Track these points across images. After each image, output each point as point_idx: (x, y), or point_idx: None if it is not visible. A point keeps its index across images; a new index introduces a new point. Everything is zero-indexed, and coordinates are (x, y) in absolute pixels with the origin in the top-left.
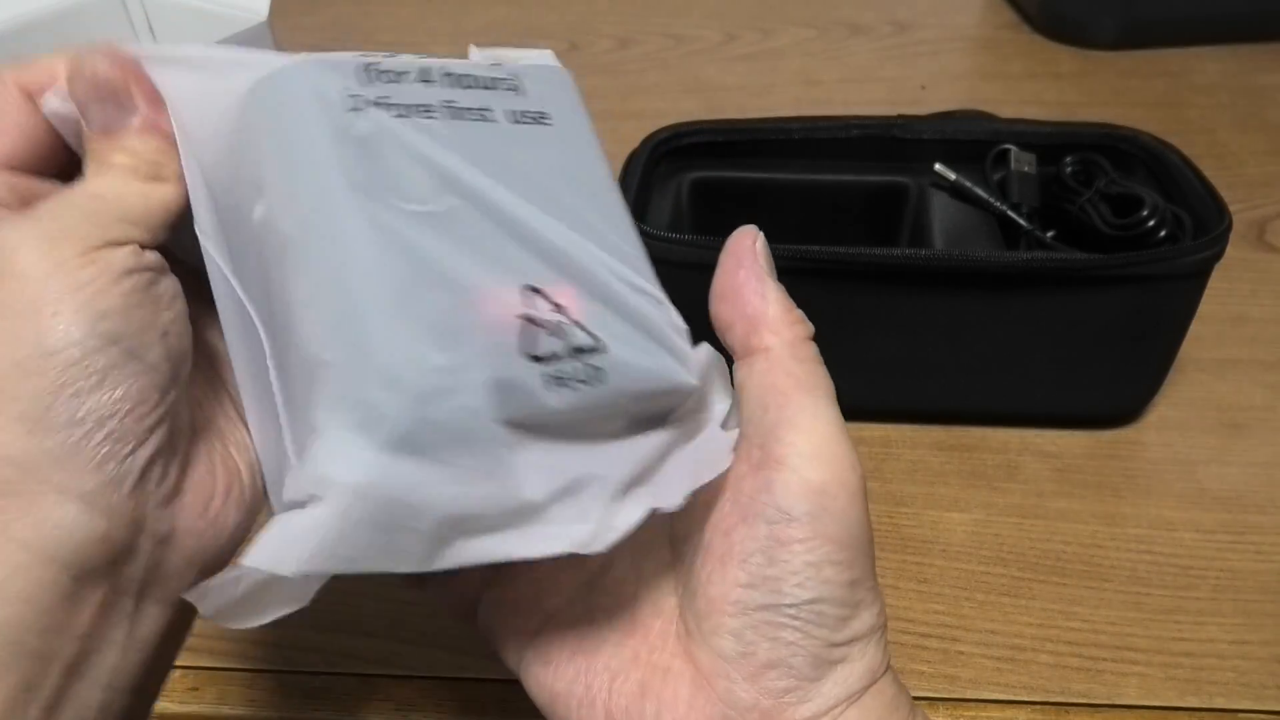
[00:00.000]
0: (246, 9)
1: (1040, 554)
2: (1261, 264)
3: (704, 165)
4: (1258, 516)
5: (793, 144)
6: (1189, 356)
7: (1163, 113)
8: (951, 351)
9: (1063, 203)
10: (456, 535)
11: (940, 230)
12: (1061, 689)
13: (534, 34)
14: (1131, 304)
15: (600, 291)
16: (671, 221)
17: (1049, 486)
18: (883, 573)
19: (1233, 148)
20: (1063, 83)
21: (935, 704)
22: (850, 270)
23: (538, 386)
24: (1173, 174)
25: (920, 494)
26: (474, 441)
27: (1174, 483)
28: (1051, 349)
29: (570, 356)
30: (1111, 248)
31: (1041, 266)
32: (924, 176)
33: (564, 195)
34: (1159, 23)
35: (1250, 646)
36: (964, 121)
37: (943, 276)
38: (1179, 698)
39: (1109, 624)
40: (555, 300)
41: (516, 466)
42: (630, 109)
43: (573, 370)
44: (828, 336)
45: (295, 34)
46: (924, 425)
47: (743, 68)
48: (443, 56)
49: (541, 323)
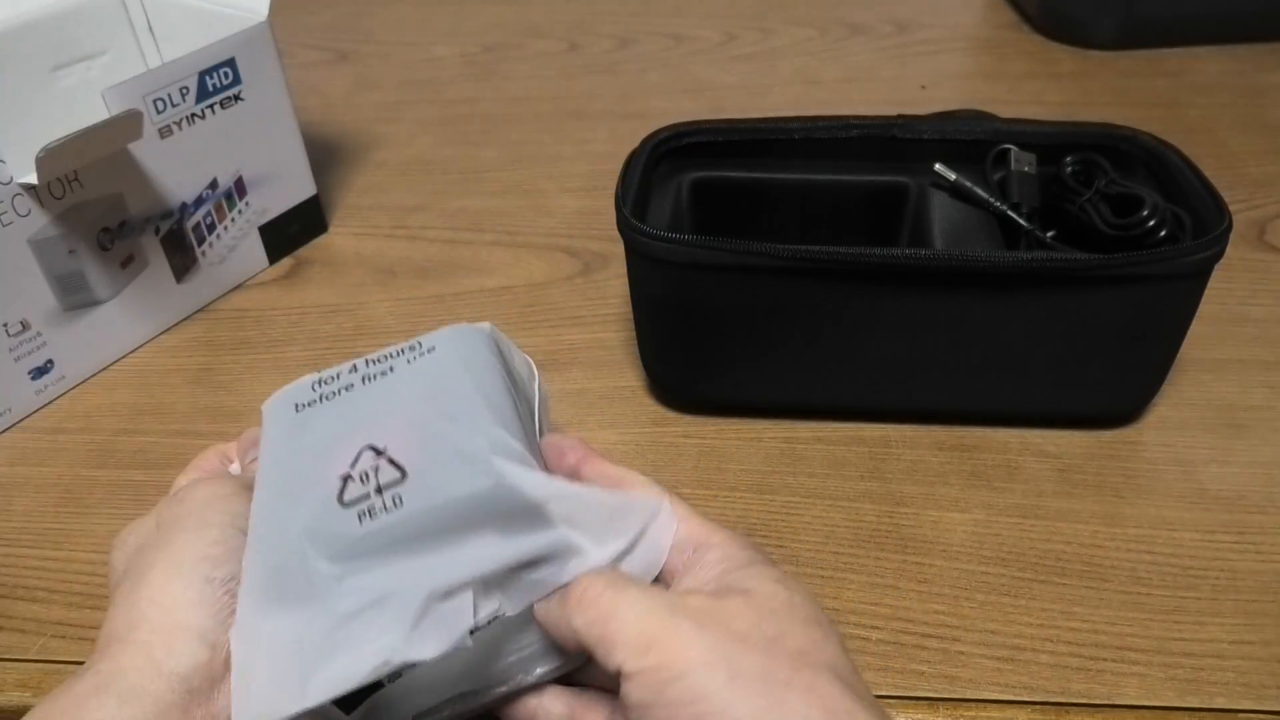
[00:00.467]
0: (246, 9)
1: (1040, 554)
2: (1261, 264)
3: (704, 165)
4: (1258, 516)
5: (793, 144)
6: (1189, 356)
7: (1163, 113)
8: (951, 351)
9: (1063, 203)
10: (308, 659)
11: (940, 230)
12: (1061, 689)
13: (534, 34)
14: (1131, 304)
15: (424, 435)
16: (671, 221)
17: (1049, 486)
18: (883, 573)
19: (1233, 148)
20: (1063, 83)
21: (935, 704)
22: (850, 270)
23: (349, 523)
24: (1173, 174)
25: (920, 494)
26: (296, 576)
27: (1174, 483)
28: (1051, 349)
29: (375, 494)
30: (1111, 248)
31: (1041, 266)
32: (924, 176)
33: (426, 386)
34: (1159, 23)
35: (1250, 646)
36: (964, 121)
37: (943, 276)
38: (1179, 698)
39: (1109, 624)
40: (381, 447)
41: (338, 592)
42: (630, 109)
43: (377, 503)
44: (828, 336)
45: (295, 34)
46: (924, 425)
47: (743, 68)
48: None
49: (354, 475)
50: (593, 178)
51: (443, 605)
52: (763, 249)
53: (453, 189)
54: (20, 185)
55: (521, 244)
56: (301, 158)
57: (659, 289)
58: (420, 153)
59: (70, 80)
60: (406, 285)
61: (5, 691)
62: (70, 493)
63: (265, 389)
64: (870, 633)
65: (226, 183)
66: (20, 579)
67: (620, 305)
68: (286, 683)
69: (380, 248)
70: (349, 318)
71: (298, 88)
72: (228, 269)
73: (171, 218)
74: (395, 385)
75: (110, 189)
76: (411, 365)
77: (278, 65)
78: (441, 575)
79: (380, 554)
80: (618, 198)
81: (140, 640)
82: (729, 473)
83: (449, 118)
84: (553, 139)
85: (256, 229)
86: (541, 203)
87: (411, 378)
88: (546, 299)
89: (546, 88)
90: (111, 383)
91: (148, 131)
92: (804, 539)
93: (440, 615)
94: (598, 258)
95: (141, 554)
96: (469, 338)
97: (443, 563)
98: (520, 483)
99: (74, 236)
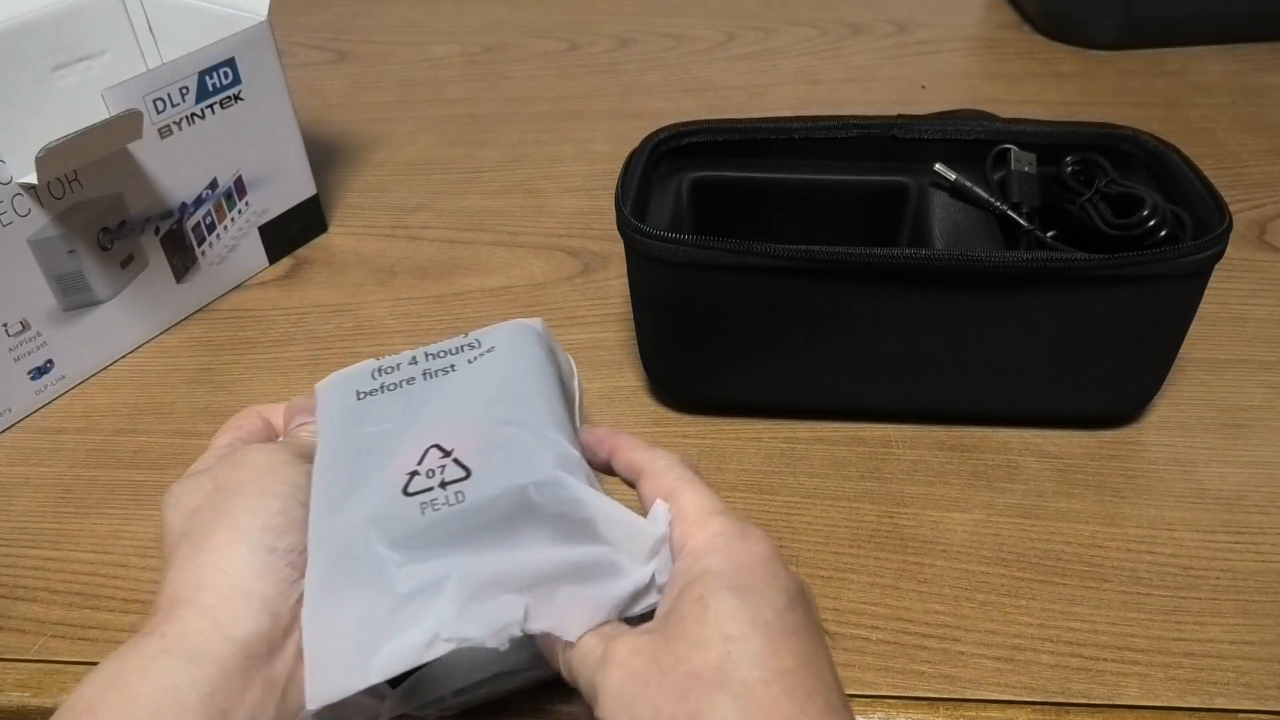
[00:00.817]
0: (246, 9)
1: (1040, 554)
2: (1261, 264)
3: (704, 165)
4: (1258, 516)
5: (793, 144)
6: (1189, 356)
7: (1163, 113)
8: (951, 351)
9: (1063, 203)
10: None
11: (940, 230)
12: (1061, 689)
13: (534, 34)
14: (1131, 304)
15: (490, 438)
16: (671, 221)
17: (1049, 486)
18: (883, 573)
19: (1233, 148)
20: (1063, 83)
21: (935, 704)
22: (850, 270)
23: (413, 512)
24: (1173, 174)
25: (920, 494)
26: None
27: (1174, 483)
28: (1051, 349)
29: (439, 488)
30: (1112, 248)
31: (1042, 266)
32: (924, 176)
33: (490, 389)
34: (1159, 23)
35: (1251, 647)
36: (964, 121)
37: (943, 276)
38: (1179, 698)
39: (1109, 624)
40: (448, 449)
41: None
42: (630, 109)
43: (440, 497)
44: (828, 336)
45: (295, 34)
46: (924, 425)
47: (743, 68)
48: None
49: (420, 471)
50: (593, 178)
51: (494, 594)
52: (762, 249)
53: (453, 189)
54: (20, 185)
55: (521, 244)
56: (301, 158)
57: (659, 289)
58: (420, 153)
59: (70, 80)
60: (406, 285)
61: (5, 691)
62: (70, 493)
63: (265, 389)
64: (870, 633)
65: (226, 183)
66: (20, 579)
67: (620, 305)
68: (352, 660)
69: (380, 248)
70: (349, 318)
71: (297, 88)
72: (227, 269)
73: (171, 218)
74: (458, 385)
75: (110, 189)
76: (473, 365)
77: (278, 65)
78: (494, 568)
79: (439, 544)
80: (618, 198)
81: (206, 604)
82: (729, 473)
83: (449, 118)
84: (553, 139)
85: (256, 229)
86: (541, 203)
87: (474, 378)
88: (546, 299)
89: (546, 88)
90: (111, 383)
91: (148, 131)
92: (804, 539)
93: (490, 602)
94: (598, 258)
95: (200, 517)
96: (525, 336)
97: (497, 558)
98: (579, 496)
99: (74, 236)
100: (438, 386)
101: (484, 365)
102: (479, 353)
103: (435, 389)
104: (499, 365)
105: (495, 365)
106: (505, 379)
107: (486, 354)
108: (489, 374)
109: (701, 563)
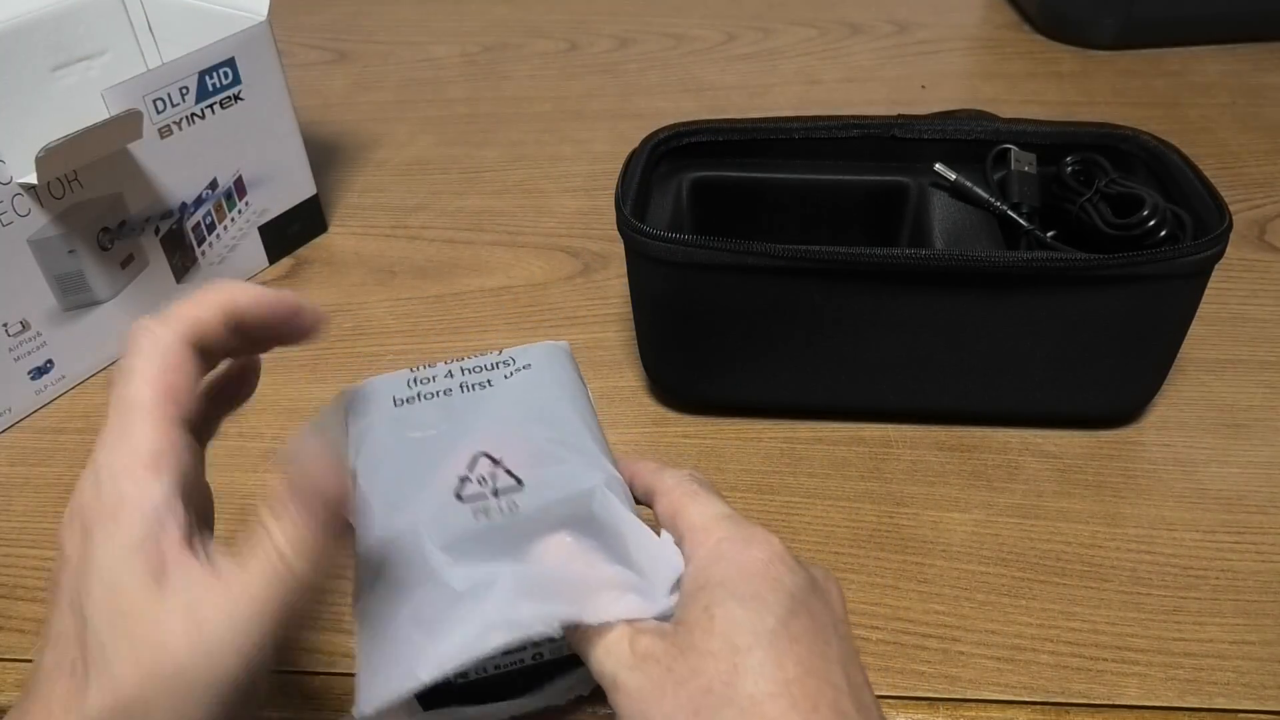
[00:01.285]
0: (246, 9)
1: (1040, 554)
2: (1261, 264)
3: (704, 165)
4: (1258, 516)
5: (793, 144)
6: (1189, 356)
7: (1163, 113)
8: (951, 351)
9: (1063, 203)
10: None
11: (940, 230)
12: (1061, 689)
13: (534, 34)
14: (1131, 304)
15: (538, 453)
16: (672, 221)
17: (1049, 486)
18: (883, 573)
19: (1233, 148)
20: (1063, 82)
21: (935, 704)
22: (850, 270)
23: (466, 518)
24: (1173, 174)
25: (920, 494)
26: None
27: (1174, 483)
28: (1051, 349)
29: (492, 496)
30: (1112, 248)
31: (1042, 266)
32: (924, 176)
33: (532, 406)
34: (1159, 23)
35: (1251, 646)
36: (964, 121)
37: (943, 276)
38: (1179, 698)
39: (1109, 624)
40: (497, 457)
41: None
42: (630, 109)
43: (493, 505)
44: (828, 336)
45: (295, 34)
46: (924, 425)
47: (743, 68)
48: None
49: (472, 477)
50: (593, 178)
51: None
52: (762, 249)
53: (453, 189)
54: (20, 185)
55: (521, 244)
56: (301, 158)
57: (659, 289)
58: (420, 153)
59: (70, 80)
60: (406, 285)
61: (5, 691)
62: (70, 492)
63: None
64: (870, 633)
65: (226, 182)
66: (20, 579)
67: (620, 305)
68: (406, 658)
69: (380, 248)
70: (349, 317)
71: (297, 88)
72: (227, 269)
73: (171, 217)
74: (498, 398)
75: (110, 189)
76: (510, 380)
77: (278, 65)
78: (543, 573)
79: (490, 550)
80: (618, 198)
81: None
82: (729, 473)
83: (449, 118)
84: (553, 139)
85: (256, 229)
86: (541, 203)
87: (512, 393)
88: (546, 299)
89: (546, 88)
90: (111, 383)
91: (147, 131)
92: (804, 539)
93: (540, 599)
94: (598, 258)
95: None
96: (558, 357)
97: (544, 567)
98: (626, 518)
99: (74, 236)
100: (478, 399)
101: (520, 381)
102: (514, 369)
103: (476, 401)
104: (538, 384)
105: (533, 383)
106: (545, 398)
107: (523, 370)
108: (529, 391)
109: (706, 572)
